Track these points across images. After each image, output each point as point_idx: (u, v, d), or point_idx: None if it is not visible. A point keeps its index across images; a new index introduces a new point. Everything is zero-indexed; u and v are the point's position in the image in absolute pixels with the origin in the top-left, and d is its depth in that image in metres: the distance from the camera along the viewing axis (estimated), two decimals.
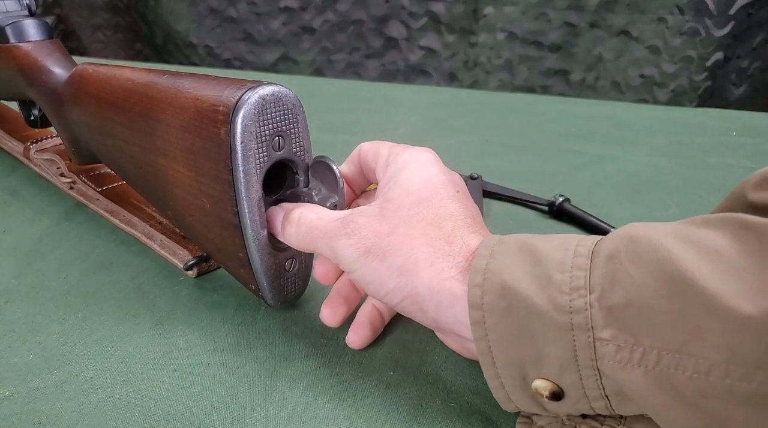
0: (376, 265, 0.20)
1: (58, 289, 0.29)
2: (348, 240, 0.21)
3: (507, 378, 0.19)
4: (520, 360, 0.18)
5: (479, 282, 0.18)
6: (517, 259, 0.18)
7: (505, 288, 0.18)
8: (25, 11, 0.38)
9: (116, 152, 0.30)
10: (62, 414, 0.22)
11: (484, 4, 0.81)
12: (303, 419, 0.21)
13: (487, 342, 0.18)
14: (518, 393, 0.19)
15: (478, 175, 0.40)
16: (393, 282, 0.20)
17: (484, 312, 0.18)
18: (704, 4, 0.71)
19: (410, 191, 0.21)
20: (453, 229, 0.20)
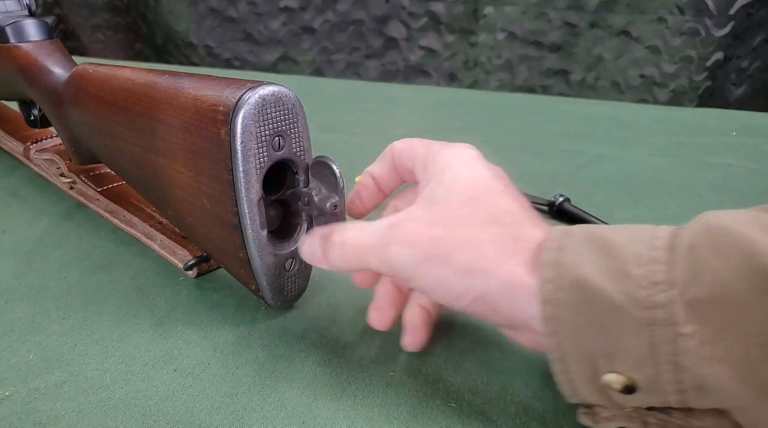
0: (440, 270, 0.20)
1: (58, 289, 0.29)
2: (400, 248, 0.20)
3: (576, 373, 0.18)
4: (592, 355, 0.18)
5: (550, 276, 0.18)
6: (588, 252, 0.18)
7: (578, 282, 0.17)
8: (25, 11, 0.38)
9: (116, 152, 0.30)
10: (62, 414, 0.22)
11: (484, 4, 0.81)
12: (303, 419, 0.21)
13: (559, 338, 0.18)
14: (587, 387, 0.18)
15: None
16: (462, 284, 0.19)
17: (556, 307, 0.18)
18: (704, 4, 0.71)
19: (458, 191, 0.21)
20: (513, 224, 0.20)
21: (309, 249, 0.23)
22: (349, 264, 0.22)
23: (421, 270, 0.20)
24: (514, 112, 0.60)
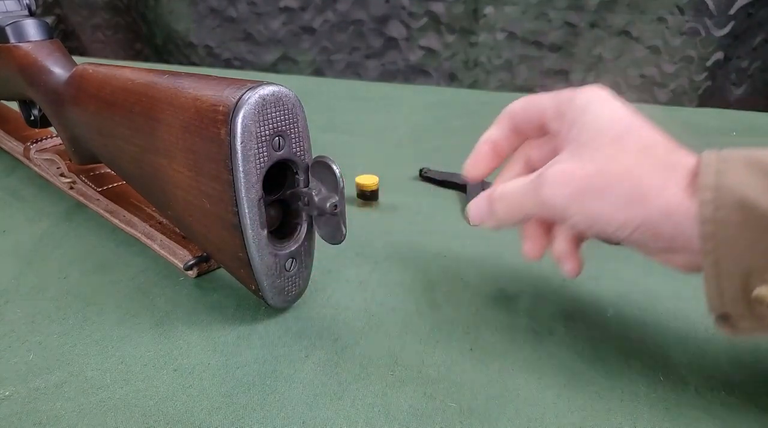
0: (597, 204, 0.21)
1: (58, 289, 0.29)
2: (554, 189, 0.22)
3: (728, 288, 0.20)
4: (747, 270, 0.19)
5: (710, 198, 0.19)
6: (750, 175, 0.19)
7: (740, 203, 0.19)
8: (25, 11, 0.38)
9: (116, 152, 0.30)
10: (62, 414, 0.22)
11: (484, 4, 0.81)
12: (303, 419, 0.21)
13: (716, 255, 0.19)
14: (735, 300, 0.20)
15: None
16: (622, 215, 0.21)
17: (716, 226, 0.19)
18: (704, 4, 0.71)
19: (603, 130, 0.22)
20: (666, 153, 0.21)
21: (476, 209, 0.26)
22: (512, 214, 0.24)
23: (576, 206, 0.21)
24: None
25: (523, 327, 0.26)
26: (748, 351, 0.25)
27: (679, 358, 0.24)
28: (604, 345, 0.25)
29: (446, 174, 0.42)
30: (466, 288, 0.29)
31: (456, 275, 0.31)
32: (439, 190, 0.42)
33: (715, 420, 0.21)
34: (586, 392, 0.23)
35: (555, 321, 0.27)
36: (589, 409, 0.22)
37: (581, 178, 0.21)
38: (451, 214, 0.38)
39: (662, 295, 0.29)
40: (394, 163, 0.46)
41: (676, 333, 0.26)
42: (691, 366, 0.24)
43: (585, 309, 0.28)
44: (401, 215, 0.37)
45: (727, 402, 0.22)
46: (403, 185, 0.42)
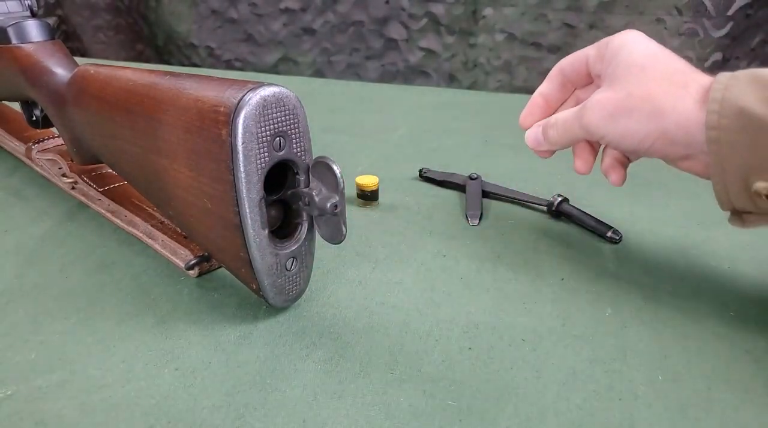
0: (625, 122, 0.26)
1: (60, 289, 0.30)
2: (593, 114, 0.27)
3: (731, 183, 0.24)
4: (746, 168, 0.23)
5: (716, 108, 0.23)
6: (750, 89, 0.23)
7: (740, 111, 0.23)
8: (27, 12, 0.38)
9: (118, 153, 0.30)
10: (64, 413, 0.22)
11: (484, 6, 0.82)
12: (303, 418, 0.22)
13: (720, 156, 0.23)
14: (739, 194, 0.24)
15: (477, 175, 0.40)
16: (644, 129, 0.25)
17: (720, 131, 0.23)
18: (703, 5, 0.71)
19: (633, 63, 0.26)
20: (684, 76, 0.25)
21: (533, 135, 0.32)
22: (562, 138, 0.30)
23: (610, 125, 0.26)
24: (513, 112, 0.60)
25: (521, 326, 0.27)
26: (747, 350, 0.25)
27: (678, 357, 0.24)
28: (602, 344, 0.25)
29: (446, 174, 0.42)
30: (466, 288, 0.30)
31: (456, 275, 0.31)
32: (440, 190, 0.42)
33: (714, 419, 0.22)
34: (584, 391, 0.23)
35: (554, 321, 0.27)
36: (587, 408, 0.22)
37: (613, 103, 0.26)
38: (452, 214, 0.38)
39: (661, 295, 0.29)
40: (394, 163, 0.47)
41: (674, 332, 0.26)
42: (690, 366, 0.24)
43: (584, 309, 0.28)
44: (401, 215, 0.38)
45: (726, 402, 0.22)
46: (403, 185, 0.42)
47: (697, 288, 0.29)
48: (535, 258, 0.32)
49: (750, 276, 0.30)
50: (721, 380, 0.23)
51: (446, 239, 0.35)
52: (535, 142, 0.32)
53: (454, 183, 0.41)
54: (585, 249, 0.34)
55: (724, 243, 0.34)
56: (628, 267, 0.31)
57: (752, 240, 0.34)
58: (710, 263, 0.32)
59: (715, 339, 0.26)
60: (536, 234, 0.35)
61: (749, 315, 0.27)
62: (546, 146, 0.31)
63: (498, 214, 0.38)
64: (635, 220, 0.37)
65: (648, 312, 0.28)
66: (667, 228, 0.35)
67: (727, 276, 0.30)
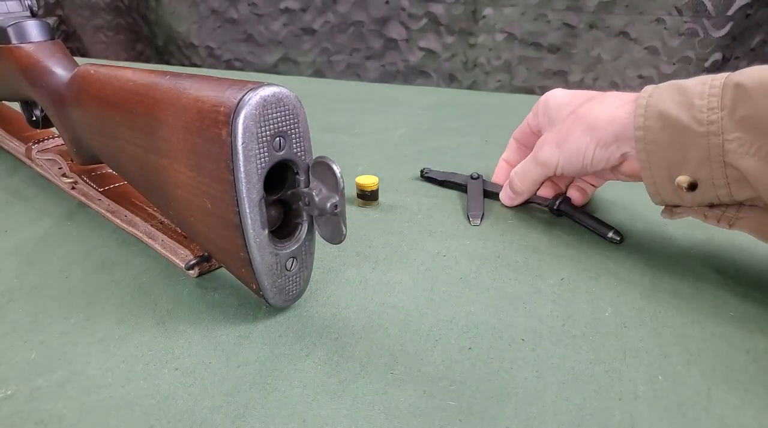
0: (568, 145, 0.32)
1: (60, 289, 0.30)
2: (542, 150, 0.34)
3: (658, 178, 0.28)
4: (669, 163, 0.27)
5: (642, 113, 0.28)
6: (669, 95, 0.27)
7: (661, 113, 0.27)
8: (27, 12, 0.38)
9: (118, 153, 0.30)
10: (64, 413, 0.22)
11: (484, 6, 0.82)
12: (304, 418, 0.22)
13: (647, 153, 0.28)
14: (665, 188, 0.28)
15: (479, 175, 0.40)
16: (583, 143, 0.31)
17: (645, 131, 0.27)
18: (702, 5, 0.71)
19: (559, 104, 0.34)
20: (601, 96, 0.32)
21: (505, 194, 0.38)
22: (525, 182, 0.36)
23: (557, 153, 0.32)
24: (513, 112, 0.60)
25: (521, 325, 0.27)
26: (746, 350, 0.25)
27: (678, 357, 0.24)
28: (602, 344, 0.25)
29: (447, 174, 0.42)
30: (466, 287, 0.30)
31: (456, 275, 0.31)
32: (440, 189, 0.42)
33: (713, 419, 0.22)
34: (584, 391, 0.23)
35: (553, 320, 0.27)
36: (587, 408, 0.22)
37: (554, 136, 0.33)
38: (451, 214, 0.38)
39: (661, 295, 0.29)
40: (394, 163, 0.47)
41: (674, 332, 0.26)
42: (690, 366, 0.24)
43: (583, 308, 0.28)
44: (401, 215, 0.38)
45: (726, 402, 0.22)
46: (403, 185, 0.42)
47: (697, 288, 0.29)
48: (535, 258, 0.32)
49: (750, 276, 0.30)
50: (721, 380, 0.23)
51: (446, 239, 0.35)
52: (507, 199, 0.38)
53: (456, 182, 0.41)
54: (585, 249, 0.34)
55: (724, 243, 0.34)
56: (628, 267, 0.31)
57: (752, 240, 0.34)
58: (710, 263, 0.32)
59: (715, 339, 0.26)
60: (536, 234, 0.35)
61: (749, 315, 0.27)
62: (517, 198, 0.37)
63: (498, 213, 0.38)
64: (635, 220, 0.37)
65: (648, 312, 0.28)
66: (667, 228, 0.35)
67: (727, 276, 0.30)
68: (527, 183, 0.35)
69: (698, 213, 0.29)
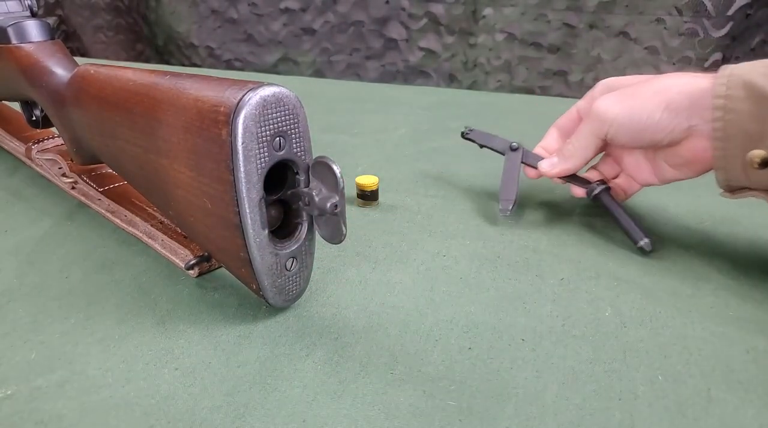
0: (631, 101, 0.30)
1: (60, 289, 0.30)
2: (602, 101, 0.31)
3: (730, 151, 0.27)
4: (746, 135, 0.26)
5: (724, 81, 0.27)
6: (755, 67, 0.26)
7: (746, 83, 0.26)
8: (27, 12, 0.38)
9: (118, 152, 0.30)
10: (64, 413, 0.22)
11: (484, 6, 0.82)
12: (304, 418, 0.22)
13: (724, 122, 0.27)
14: (734, 166, 0.27)
15: (518, 146, 0.36)
16: (650, 104, 0.29)
17: (726, 100, 0.26)
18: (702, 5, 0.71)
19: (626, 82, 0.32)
20: (688, 76, 0.29)
21: (547, 162, 0.34)
22: (578, 145, 0.33)
23: (618, 107, 0.30)
24: (513, 112, 0.60)
25: (521, 325, 0.27)
26: (746, 350, 0.25)
27: (678, 357, 0.24)
28: (602, 344, 0.25)
29: (489, 136, 0.38)
30: (466, 287, 0.30)
31: (455, 275, 0.31)
32: (439, 189, 0.42)
33: (713, 419, 0.22)
34: (584, 391, 0.23)
35: (553, 320, 0.27)
36: (587, 408, 0.22)
37: (618, 94, 0.30)
38: (451, 214, 0.38)
39: (661, 295, 0.29)
40: (394, 163, 0.47)
41: (674, 332, 0.26)
42: (689, 365, 0.24)
43: (583, 308, 0.28)
44: (401, 215, 0.38)
45: (726, 402, 0.22)
46: (403, 185, 0.42)
47: (697, 288, 0.29)
48: (535, 258, 0.32)
49: (750, 276, 0.30)
50: (721, 380, 0.23)
51: (446, 239, 0.35)
52: (548, 166, 0.34)
53: (494, 149, 0.38)
54: (585, 249, 0.34)
55: (725, 243, 0.34)
56: (628, 267, 0.31)
57: (752, 240, 0.34)
58: (710, 263, 0.32)
59: (715, 339, 0.26)
60: (536, 234, 0.35)
61: (749, 316, 0.27)
62: (562, 164, 0.34)
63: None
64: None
65: (648, 312, 0.28)
66: (667, 228, 0.35)
67: (727, 276, 0.30)
68: (580, 144, 0.32)
69: (762, 195, 0.27)
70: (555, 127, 0.36)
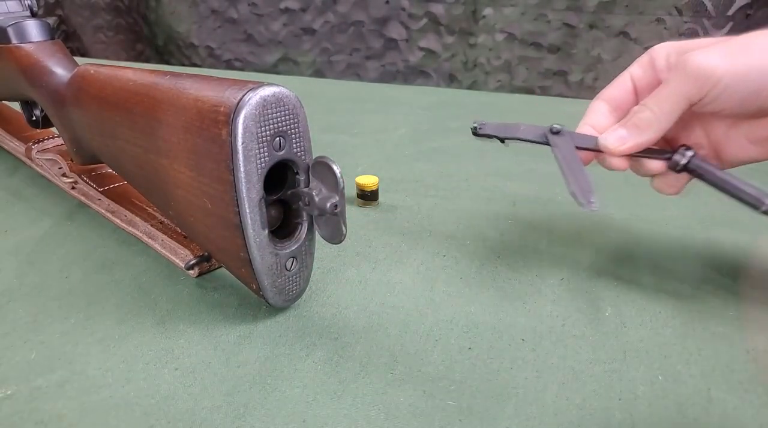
0: (744, 59, 0.23)
1: (60, 289, 0.30)
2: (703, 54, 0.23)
3: None
4: None
5: None
6: None
7: None
8: (27, 12, 0.38)
9: (118, 152, 0.30)
10: (64, 413, 0.22)
11: (484, 6, 0.82)
12: (304, 418, 0.22)
13: None
14: None
15: (560, 128, 0.28)
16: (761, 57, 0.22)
17: None
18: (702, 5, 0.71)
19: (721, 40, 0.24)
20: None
21: (615, 135, 0.26)
22: (662, 108, 0.24)
23: (727, 63, 0.23)
24: (513, 112, 0.60)
25: (521, 325, 0.27)
26: (747, 350, 0.25)
27: (678, 357, 0.24)
28: (602, 344, 0.25)
29: (508, 127, 0.29)
30: (466, 287, 0.30)
31: (455, 275, 0.31)
32: (439, 189, 0.42)
33: (713, 419, 0.22)
34: (584, 391, 0.23)
35: (553, 321, 0.27)
36: (587, 408, 0.22)
37: (723, 46, 0.23)
38: (451, 214, 0.38)
39: (661, 295, 0.29)
40: (394, 163, 0.47)
41: (674, 332, 0.26)
42: (689, 365, 0.24)
43: (583, 308, 0.28)
44: (401, 215, 0.38)
45: (726, 402, 0.22)
46: (403, 185, 0.42)
47: (697, 288, 0.29)
48: (535, 258, 0.32)
49: (750, 276, 0.30)
50: (721, 380, 0.23)
51: (446, 239, 0.35)
52: (617, 140, 0.26)
53: (525, 139, 0.28)
54: (585, 249, 0.34)
55: (725, 243, 0.34)
56: (628, 268, 0.31)
57: (753, 240, 0.34)
58: (710, 263, 0.32)
59: (715, 339, 0.26)
60: (536, 234, 0.35)
61: (749, 315, 0.27)
62: (638, 135, 0.25)
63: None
64: (636, 221, 0.37)
65: (648, 312, 0.28)
66: (668, 229, 0.35)
67: (727, 276, 0.30)
68: (660, 110, 0.24)
69: None
70: (602, 100, 0.28)
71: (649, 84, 0.27)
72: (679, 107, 0.24)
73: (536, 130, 0.28)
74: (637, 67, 0.27)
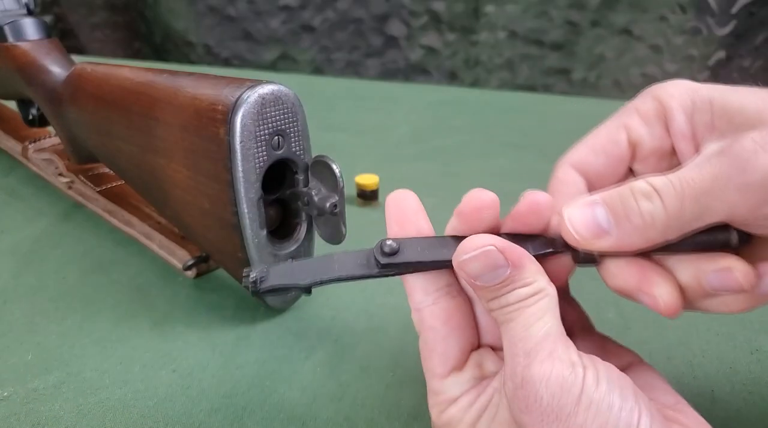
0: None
1: (57, 289, 0.29)
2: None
3: None
4: None
5: None
6: None
7: None
8: (24, 10, 0.38)
9: (115, 152, 0.30)
10: (61, 415, 0.22)
11: (485, 3, 0.81)
12: (303, 420, 0.21)
13: None
14: None
15: (395, 245, 0.20)
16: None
17: None
18: (706, 3, 0.71)
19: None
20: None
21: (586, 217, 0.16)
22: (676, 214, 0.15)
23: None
24: (515, 110, 0.60)
25: None
26: (749, 352, 0.25)
27: (681, 360, 0.24)
28: None
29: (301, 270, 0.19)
30: None
31: None
32: (439, 189, 0.42)
33: (717, 420, 0.21)
34: None
35: None
36: None
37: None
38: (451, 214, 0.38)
39: None
40: (394, 162, 0.46)
41: (677, 333, 0.26)
42: (693, 367, 0.24)
43: (587, 310, 0.28)
44: None
45: (728, 404, 0.22)
46: (403, 185, 0.42)
47: None
48: None
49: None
50: (725, 381, 0.23)
51: None
52: (593, 229, 0.17)
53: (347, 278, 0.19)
54: None
55: None
56: None
57: None
58: None
59: (719, 339, 0.25)
60: None
61: (753, 316, 0.27)
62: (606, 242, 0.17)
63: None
64: None
65: (651, 313, 0.27)
66: None
67: None
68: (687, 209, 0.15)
69: None
70: (573, 168, 0.20)
71: (655, 150, 0.18)
72: (716, 218, 0.16)
73: (357, 258, 0.19)
74: (635, 118, 0.19)
